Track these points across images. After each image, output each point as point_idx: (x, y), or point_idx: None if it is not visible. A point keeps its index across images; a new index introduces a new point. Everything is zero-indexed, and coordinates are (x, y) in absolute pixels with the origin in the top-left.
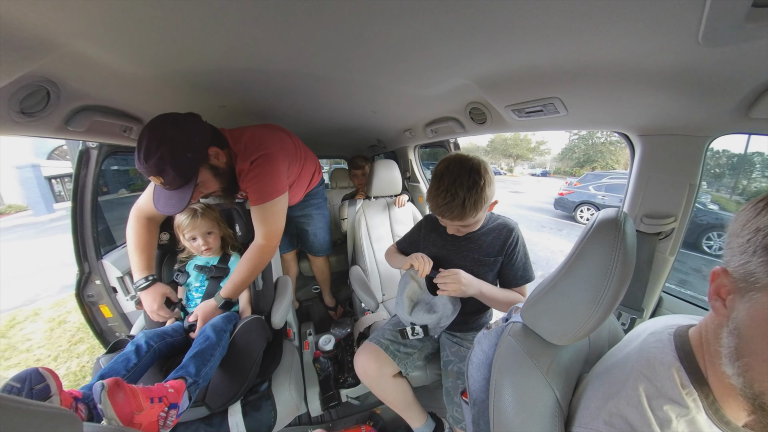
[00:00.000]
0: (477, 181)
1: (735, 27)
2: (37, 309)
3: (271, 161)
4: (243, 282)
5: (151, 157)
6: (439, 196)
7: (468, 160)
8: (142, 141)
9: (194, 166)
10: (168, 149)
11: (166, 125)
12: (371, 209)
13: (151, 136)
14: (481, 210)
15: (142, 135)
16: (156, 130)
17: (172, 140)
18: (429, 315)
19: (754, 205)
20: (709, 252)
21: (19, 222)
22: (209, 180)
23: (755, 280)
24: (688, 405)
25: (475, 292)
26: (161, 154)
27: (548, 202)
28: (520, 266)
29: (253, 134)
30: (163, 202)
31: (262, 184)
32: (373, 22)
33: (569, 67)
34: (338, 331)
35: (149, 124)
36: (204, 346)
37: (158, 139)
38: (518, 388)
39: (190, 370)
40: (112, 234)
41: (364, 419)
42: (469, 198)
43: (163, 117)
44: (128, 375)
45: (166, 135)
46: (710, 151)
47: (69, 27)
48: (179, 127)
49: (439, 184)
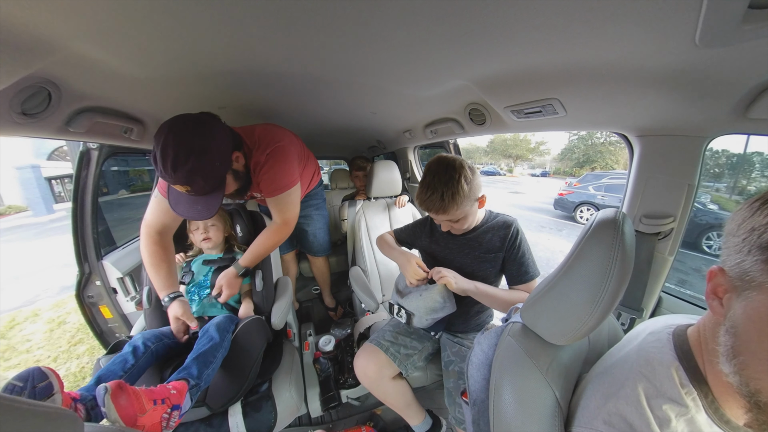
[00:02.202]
0: (453, 175)
1: (731, 28)
2: (36, 310)
3: (284, 153)
4: (261, 254)
5: (180, 167)
6: (422, 192)
7: (447, 159)
8: (167, 149)
9: (223, 174)
10: (198, 159)
11: (190, 133)
12: (371, 210)
13: (179, 145)
14: (463, 203)
15: (166, 142)
16: (182, 138)
17: (202, 150)
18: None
19: (749, 205)
20: (708, 252)
21: (19, 223)
22: (230, 183)
23: (751, 278)
24: (688, 404)
25: (469, 287)
26: (192, 165)
27: (548, 202)
28: (523, 261)
29: (264, 128)
30: (184, 207)
31: (277, 177)
32: (372, 24)
33: (568, 69)
34: (338, 332)
35: (172, 130)
36: (207, 347)
37: (186, 148)
38: (518, 388)
39: (192, 371)
40: (113, 235)
41: (365, 420)
42: (447, 191)
43: (184, 121)
44: (125, 376)
45: (195, 144)
46: (709, 151)
47: (70, 29)
48: (206, 135)
49: (423, 181)
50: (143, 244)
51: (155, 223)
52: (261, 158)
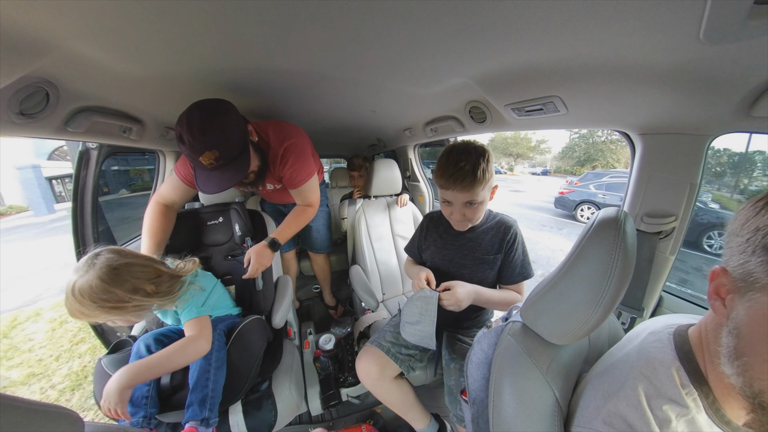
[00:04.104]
0: (482, 153)
1: (737, 24)
2: (38, 309)
3: (300, 148)
4: (291, 230)
5: (208, 129)
6: (449, 166)
7: (471, 141)
8: (192, 119)
9: (246, 138)
10: (221, 122)
11: (210, 103)
12: (371, 209)
13: (202, 110)
14: (488, 183)
15: (190, 114)
16: (204, 106)
17: (224, 110)
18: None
19: (753, 204)
20: (709, 251)
21: (20, 222)
22: (252, 156)
23: (755, 279)
24: (688, 405)
25: (471, 301)
26: (219, 123)
27: (549, 201)
28: (518, 263)
29: (277, 125)
30: (215, 182)
31: (298, 171)
32: (372, 21)
33: (569, 66)
34: (338, 331)
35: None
36: (196, 375)
37: (210, 112)
38: (517, 388)
39: (195, 410)
40: (113, 234)
41: (365, 418)
42: (477, 166)
43: (198, 102)
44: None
45: (217, 108)
46: (711, 149)
47: (68, 28)
48: (221, 104)
49: (448, 158)
50: (150, 211)
51: (166, 195)
52: (279, 150)
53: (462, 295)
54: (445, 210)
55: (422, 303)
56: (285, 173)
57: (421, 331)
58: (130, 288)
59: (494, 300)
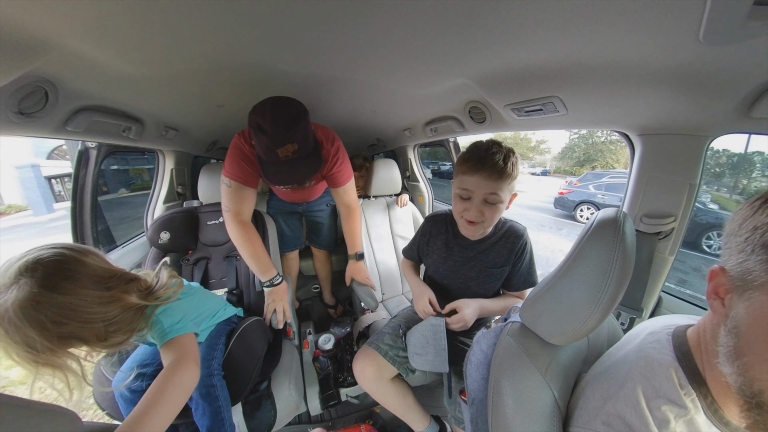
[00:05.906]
0: (512, 151)
1: (736, 25)
2: None
3: (345, 150)
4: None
5: (293, 124)
6: (479, 149)
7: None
8: (280, 114)
9: (315, 135)
10: (306, 120)
11: (293, 103)
12: (371, 208)
13: (289, 110)
14: (512, 183)
15: (274, 109)
16: (290, 107)
17: (305, 113)
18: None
19: (751, 204)
20: (708, 251)
21: (20, 222)
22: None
23: (753, 278)
24: (687, 405)
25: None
26: (302, 123)
27: (548, 201)
28: (525, 272)
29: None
30: (286, 175)
31: (343, 171)
32: (371, 20)
33: (569, 66)
34: (338, 330)
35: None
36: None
37: (297, 111)
38: (516, 388)
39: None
40: (112, 233)
41: (364, 418)
42: (508, 159)
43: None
44: None
45: (300, 109)
46: (710, 150)
47: (67, 27)
48: (302, 105)
49: (478, 145)
50: (238, 232)
51: (242, 210)
52: (330, 149)
53: (470, 316)
54: (458, 206)
55: (430, 332)
56: (334, 171)
57: (432, 361)
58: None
59: (498, 310)
